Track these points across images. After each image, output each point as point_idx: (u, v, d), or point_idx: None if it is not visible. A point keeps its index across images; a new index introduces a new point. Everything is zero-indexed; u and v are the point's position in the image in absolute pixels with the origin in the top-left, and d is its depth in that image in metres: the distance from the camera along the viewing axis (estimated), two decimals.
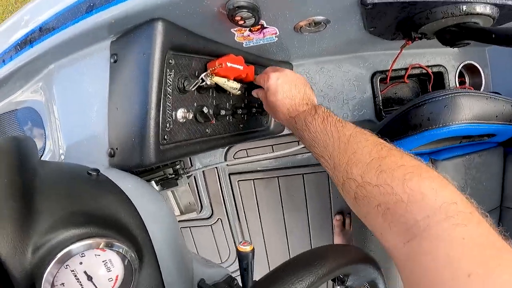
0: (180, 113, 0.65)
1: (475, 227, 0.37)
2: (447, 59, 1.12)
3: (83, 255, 0.39)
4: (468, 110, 0.79)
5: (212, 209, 1.42)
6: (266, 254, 1.50)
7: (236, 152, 1.32)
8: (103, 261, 0.41)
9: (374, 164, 0.48)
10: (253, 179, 1.40)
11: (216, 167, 1.34)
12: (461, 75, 1.20)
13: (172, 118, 0.63)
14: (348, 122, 0.60)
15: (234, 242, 1.49)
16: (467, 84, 1.20)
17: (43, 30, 0.62)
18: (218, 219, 1.44)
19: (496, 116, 0.85)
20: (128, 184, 0.52)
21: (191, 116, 0.66)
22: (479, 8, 0.71)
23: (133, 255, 0.43)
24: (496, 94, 0.92)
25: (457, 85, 1.13)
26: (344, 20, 0.73)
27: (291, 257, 0.98)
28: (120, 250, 0.41)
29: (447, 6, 0.70)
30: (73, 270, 0.39)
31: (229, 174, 1.38)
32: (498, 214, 1.09)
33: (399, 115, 0.87)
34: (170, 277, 0.53)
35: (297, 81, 0.72)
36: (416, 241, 0.40)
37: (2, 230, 0.35)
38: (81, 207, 0.42)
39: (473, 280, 0.32)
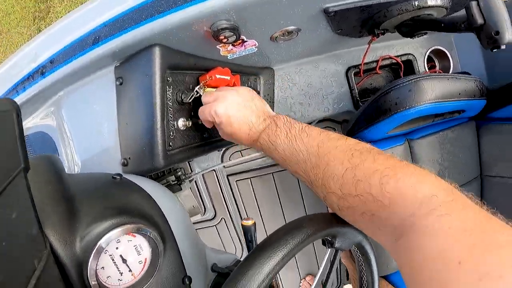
0: (181, 122, 0.74)
1: (459, 214, 0.37)
2: (414, 47, 1.22)
3: (118, 241, 0.49)
4: (431, 91, 0.88)
5: (215, 210, 1.51)
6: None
7: (231, 154, 1.41)
8: (134, 246, 0.51)
9: (349, 175, 0.47)
10: (250, 178, 1.48)
11: (214, 170, 1.42)
12: (431, 60, 1.29)
13: (175, 127, 0.72)
14: (312, 127, 0.59)
15: (239, 238, 1.57)
16: (437, 68, 1.29)
17: (54, 62, 0.71)
18: (221, 218, 1.52)
19: (459, 94, 0.94)
20: (146, 185, 0.62)
21: (190, 123, 0.75)
22: (430, 1, 0.77)
23: (158, 238, 0.53)
24: (463, 74, 1.04)
25: (427, 70, 1.23)
26: (313, 27, 0.81)
27: None
28: (148, 234, 0.51)
29: (401, 4, 0.77)
30: (111, 255, 0.49)
31: (227, 176, 1.47)
32: (480, 183, 1.19)
33: (371, 103, 0.96)
34: (188, 260, 0.62)
35: (243, 98, 0.68)
36: (405, 239, 0.40)
37: (53, 230, 0.44)
38: (112, 203, 0.52)
39: (464, 267, 0.32)
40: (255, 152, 1.23)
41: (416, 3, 0.78)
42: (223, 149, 1.40)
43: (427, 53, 1.23)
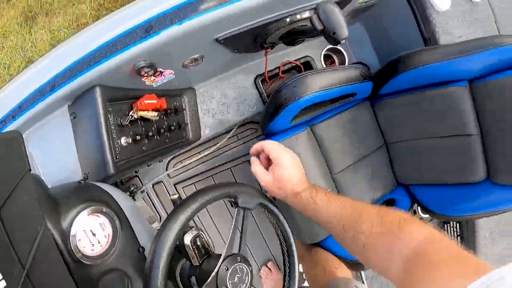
0: (123, 140, 0.94)
1: (447, 248, 0.54)
2: (312, 49, 1.48)
3: (88, 220, 0.69)
4: (314, 84, 1.07)
5: None
6: (222, 238, 1.83)
7: (174, 165, 1.65)
8: (99, 223, 0.72)
9: (378, 219, 0.67)
10: (194, 183, 1.73)
11: (162, 181, 1.67)
12: (331, 57, 1.57)
13: (119, 144, 0.93)
14: (343, 196, 0.79)
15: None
16: (336, 63, 1.57)
17: (22, 107, 0.88)
18: None
19: (340, 81, 1.14)
20: (102, 185, 0.84)
21: (130, 140, 0.96)
22: (299, 16, 0.94)
23: (115, 217, 0.74)
24: (350, 65, 1.28)
25: (324, 66, 1.49)
26: (214, 52, 1.00)
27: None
28: (109, 213, 0.73)
29: (276, 22, 0.94)
30: (84, 230, 0.69)
31: (174, 184, 1.70)
32: (386, 150, 1.41)
33: (269, 101, 1.16)
34: (140, 235, 0.81)
35: (300, 164, 0.88)
36: (411, 264, 0.56)
37: (46, 212, 0.63)
38: (82, 197, 0.74)
39: (442, 266, 0.48)
40: (194, 158, 1.51)
41: (288, 19, 0.95)
42: (167, 161, 1.64)
43: (323, 53, 1.50)
